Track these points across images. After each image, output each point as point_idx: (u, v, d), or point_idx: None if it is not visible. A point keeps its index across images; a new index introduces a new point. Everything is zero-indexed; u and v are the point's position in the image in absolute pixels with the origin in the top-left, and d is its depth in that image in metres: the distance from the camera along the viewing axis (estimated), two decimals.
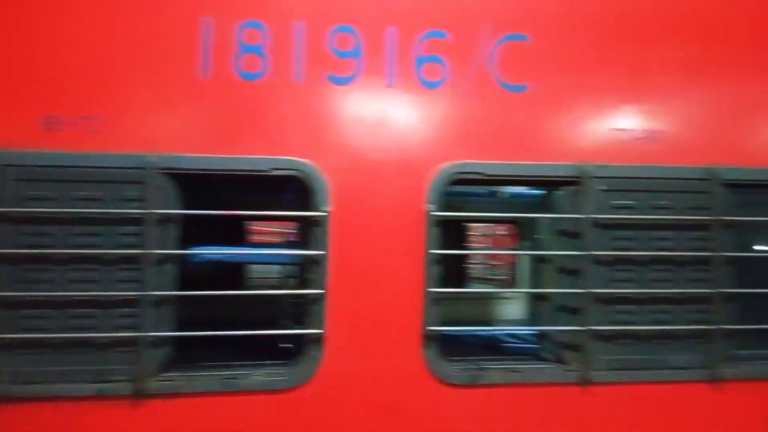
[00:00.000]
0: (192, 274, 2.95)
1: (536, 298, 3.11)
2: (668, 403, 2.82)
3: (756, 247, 3.08)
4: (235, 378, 2.62)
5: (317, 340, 2.65)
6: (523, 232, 5.17)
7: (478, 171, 2.74)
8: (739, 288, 2.87)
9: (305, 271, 2.78)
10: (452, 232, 2.79)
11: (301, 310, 2.76)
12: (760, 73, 2.98)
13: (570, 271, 2.83)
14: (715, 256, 2.85)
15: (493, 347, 3.59)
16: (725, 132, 2.94)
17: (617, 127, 2.85)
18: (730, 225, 2.88)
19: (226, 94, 2.65)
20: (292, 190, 2.76)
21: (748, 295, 2.91)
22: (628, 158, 2.85)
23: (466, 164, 2.73)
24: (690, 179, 2.87)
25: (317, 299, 2.64)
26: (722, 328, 2.84)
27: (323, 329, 2.64)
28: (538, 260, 3.02)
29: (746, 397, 2.87)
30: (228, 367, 2.72)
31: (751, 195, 2.96)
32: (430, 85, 2.75)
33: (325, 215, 2.65)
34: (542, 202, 3.01)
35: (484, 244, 8.35)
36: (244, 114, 2.66)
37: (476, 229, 8.04)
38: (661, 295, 2.83)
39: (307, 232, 2.75)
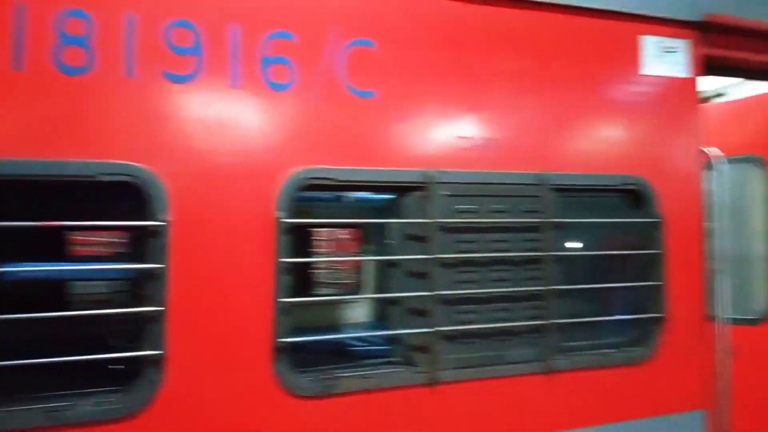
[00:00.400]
0: (4, 294, 2.57)
1: (386, 302, 3.14)
2: (509, 396, 2.98)
3: (579, 245, 3.38)
4: (60, 409, 2.31)
5: (156, 361, 2.42)
6: (367, 236, 5.23)
7: (329, 176, 2.69)
8: (569, 284, 3.12)
9: (141, 286, 2.53)
10: (298, 238, 2.72)
11: (137, 330, 2.51)
12: (581, 87, 3.27)
13: (418, 274, 2.89)
14: (546, 256, 3.07)
15: (342, 352, 3.56)
16: (553, 141, 3.18)
17: (460, 135, 2.96)
18: (558, 226, 3.12)
19: (43, 89, 2.34)
20: (127, 197, 2.51)
21: (576, 290, 3.18)
22: (470, 164, 2.97)
23: (317, 170, 2.67)
24: (524, 184, 3.07)
25: (155, 317, 2.42)
26: (554, 323, 3.06)
27: (163, 350, 2.43)
28: (389, 264, 3.05)
29: (576, 385, 3.12)
30: (52, 397, 2.40)
31: (576, 198, 3.24)
32: (278, 87, 2.66)
33: (163, 225, 2.44)
34: (390, 206, 3.04)
35: (327, 248, 8.35)
36: (66, 112, 2.37)
37: (320, 234, 8.02)
38: (500, 294, 2.99)
39: (143, 243, 2.51)
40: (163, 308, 2.42)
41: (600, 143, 3.32)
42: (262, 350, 2.56)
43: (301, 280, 5.41)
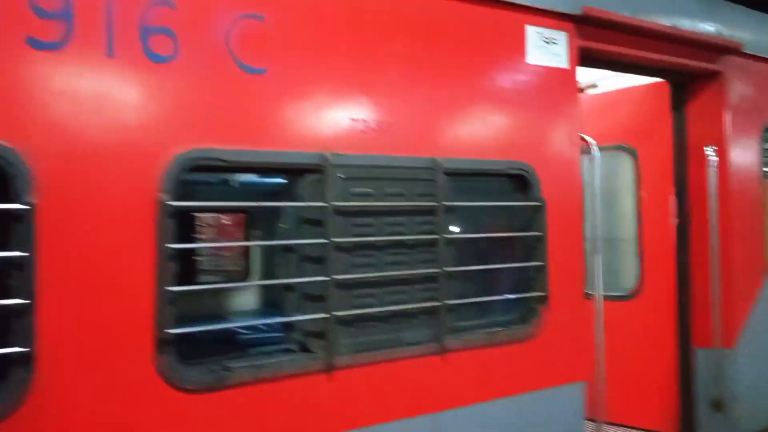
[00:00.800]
0: None
1: (279, 288, 3.04)
2: (405, 378, 3.00)
3: (469, 228, 3.46)
4: None
5: (24, 360, 2.17)
6: (256, 221, 5.06)
7: (218, 157, 2.53)
8: (461, 266, 3.18)
9: (5, 276, 2.25)
10: (182, 223, 2.54)
11: (1, 325, 2.23)
12: (472, 74, 3.33)
13: (313, 259, 2.81)
14: (440, 239, 3.11)
15: (232, 342, 3.41)
16: (445, 126, 3.22)
17: (355, 118, 2.91)
18: (450, 210, 3.17)
19: None
20: None
21: (467, 271, 3.25)
22: (365, 148, 2.93)
23: (205, 150, 2.51)
24: (418, 168, 3.08)
25: (22, 311, 2.17)
26: (447, 304, 3.11)
27: (32, 346, 2.18)
28: (283, 249, 2.94)
29: (467, 363, 3.20)
30: None
31: (467, 182, 3.31)
32: (159, 60, 2.45)
33: (28, 208, 2.18)
34: (282, 190, 2.94)
35: (210, 234, 8.02)
36: None
37: (203, 219, 7.67)
38: (396, 277, 2.99)
39: (6, 229, 2.23)
40: (30, 301, 2.17)
41: (489, 130, 3.41)
42: (144, 343, 2.38)
43: (186, 267, 5.15)
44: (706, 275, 4.45)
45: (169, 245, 2.42)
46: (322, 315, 2.78)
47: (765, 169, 4.78)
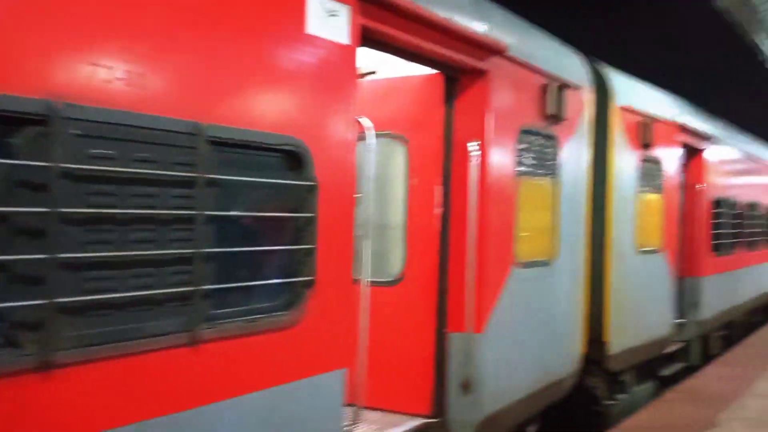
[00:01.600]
0: None
1: None
2: (150, 374, 2.59)
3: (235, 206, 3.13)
4: None
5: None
6: None
7: None
8: (222, 247, 2.85)
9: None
10: None
11: None
12: (248, 38, 3.00)
13: (30, 232, 2.26)
14: (198, 215, 2.75)
15: None
16: (213, 90, 2.85)
17: (98, 62, 2.40)
18: (215, 183, 2.82)
19: None
20: None
21: (229, 253, 2.93)
22: (110, 101, 2.44)
23: None
24: (176, 132, 2.68)
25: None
26: (202, 289, 2.77)
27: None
28: None
29: (224, 354, 2.89)
30: None
31: (235, 155, 2.98)
32: None
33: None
34: None
35: None
36: None
37: None
38: (142, 257, 2.56)
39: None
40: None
41: (262, 99, 3.12)
42: None
43: None
44: (462, 263, 4.69)
45: None
46: (40, 302, 2.25)
47: (518, 168, 5.19)
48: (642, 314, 7.52)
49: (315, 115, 3.36)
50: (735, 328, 12.12)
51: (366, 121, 3.93)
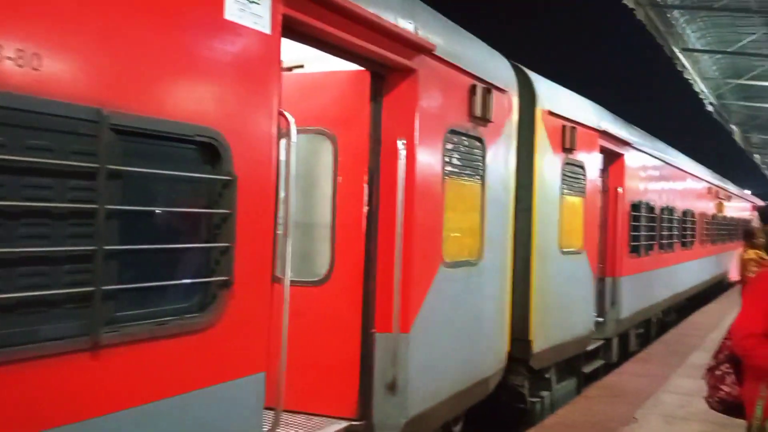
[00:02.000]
0: None
1: None
2: (39, 384, 2.36)
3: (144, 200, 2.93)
4: None
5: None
6: None
7: None
8: (128, 244, 2.65)
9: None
10: None
11: None
12: (161, 18, 2.81)
13: None
14: (99, 209, 2.54)
15: None
16: (120, 75, 2.64)
17: None
18: (119, 175, 2.62)
19: None
20: None
21: (136, 252, 2.73)
22: None
23: None
24: (76, 119, 2.46)
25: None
26: (104, 290, 2.56)
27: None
28: None
29: (130, 360, 2.68)
30: None
31: (145, 146, 2.78)
32: None
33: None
34: None
35: None
36: None
37: None
38: (32, 254, 2.34)
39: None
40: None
41: (175, 87, 2.93)
42: None
43: None
44: (390, 263, 4.61)
45: None
46: None
47: (446, 169, 5.17)
48: (565, 313, 7.70)
49: (234, 106, 3.20)
50: (651, 327, 12.68)
51: (289, 115, 3.79)
